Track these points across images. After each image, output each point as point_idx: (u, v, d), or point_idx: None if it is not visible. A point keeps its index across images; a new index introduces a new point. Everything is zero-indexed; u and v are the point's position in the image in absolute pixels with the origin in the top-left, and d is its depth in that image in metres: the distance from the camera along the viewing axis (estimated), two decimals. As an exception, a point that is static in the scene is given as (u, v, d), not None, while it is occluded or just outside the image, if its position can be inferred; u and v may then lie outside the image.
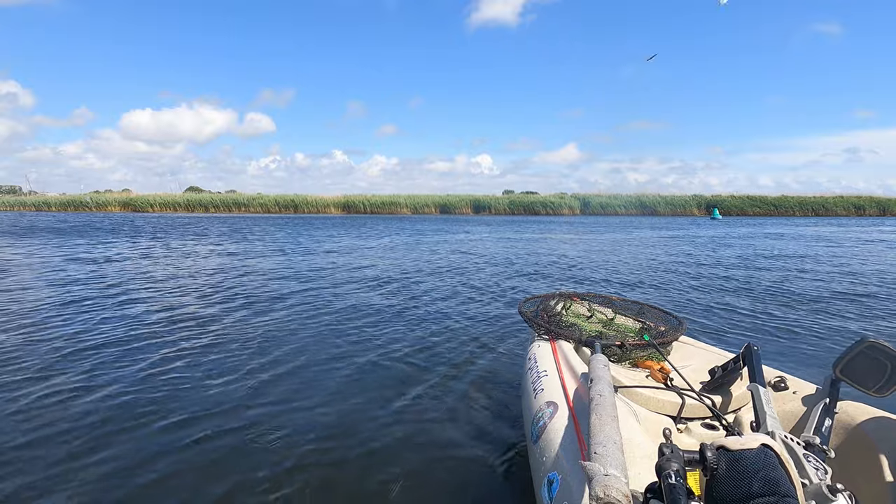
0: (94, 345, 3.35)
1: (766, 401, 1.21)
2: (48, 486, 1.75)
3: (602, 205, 41.59)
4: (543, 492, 1.15)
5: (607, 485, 0.73)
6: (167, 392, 2.57)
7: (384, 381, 2.82)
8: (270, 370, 2.94)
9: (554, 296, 2.48)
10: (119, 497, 1.70)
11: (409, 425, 2.26)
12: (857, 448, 1.20)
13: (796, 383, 1.52)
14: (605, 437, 0.90)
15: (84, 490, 1.74)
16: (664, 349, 1.82)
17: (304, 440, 2.10)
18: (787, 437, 1.05)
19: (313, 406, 2.46)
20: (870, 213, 37.42)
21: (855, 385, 1.26)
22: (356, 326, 4.03)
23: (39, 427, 2.17)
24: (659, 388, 1.53)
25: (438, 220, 28.94)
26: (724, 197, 40.32)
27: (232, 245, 11.51)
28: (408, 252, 10.35)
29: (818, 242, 13.05)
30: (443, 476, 1.87)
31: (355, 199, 41.94)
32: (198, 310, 4.50)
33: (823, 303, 5.15)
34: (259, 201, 40.74)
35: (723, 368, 1.52)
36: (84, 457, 1.94)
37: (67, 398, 2.47)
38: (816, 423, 1.19)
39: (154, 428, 2.19)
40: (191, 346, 3.38)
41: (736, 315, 4.58)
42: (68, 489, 1.74)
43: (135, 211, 38.31)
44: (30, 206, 40.12)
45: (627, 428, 1.16)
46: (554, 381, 1.55)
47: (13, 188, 55.70)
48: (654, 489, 0.79)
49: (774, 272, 7.48)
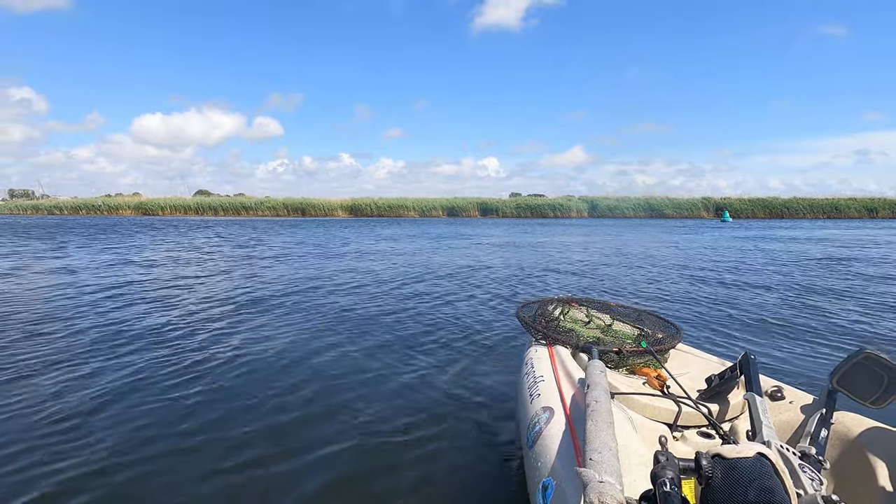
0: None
1: (763, 410, 1.21)
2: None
3: (610, 207, 41.39)
4: (538, 497, 1.15)
5: (602, 491, 0.73)
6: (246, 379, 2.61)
7: (379, 383, 2.83)
8: (266, 375, 2.97)
9: (552, 301, 2.48)
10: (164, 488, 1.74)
11: (404, 429, 2.27)
12: (854, 459, 1.18)
13: (793, 393, 1.51)
14: (600, 444, 0.90)
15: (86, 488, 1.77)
16: (661, 356, 1.82)
17: (299, 442, 2.12)
18: (783, 447, 1.04)
19: (308, 407, 2.47)
20: (883, 214, 36.82)
21: (852, 396, 1.25)
22: (356, 326, 4.05)
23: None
24: (655, 395, 1.52)
25: (445, 223, 28.96)
26: (733, 199, 39.92)
27: (255, 247, 11.64)
28: (410, 254, 10.38)
29: (832, 245, 12.87)
30: (438, 481, 1.87)
31: (363, 202, 42.16)
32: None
33: (831, 311, 5.08)
34: (267, 204, 41.10)
35: (720, 377, 1.51)
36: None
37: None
38: (812, 434, 1.18)
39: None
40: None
41: (743, 322, 4.54)
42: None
43: (145, 214, 38.84)
44: (43, 211, 40.78)
45: (623, 435, 1.15)
46: (550, 387, 1.55)
47: (26, 192, 56.72)
48: (648, 497, 0.79)
49: (788, 278, 7.39)
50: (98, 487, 1.79)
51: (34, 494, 1.75)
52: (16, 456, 1.99)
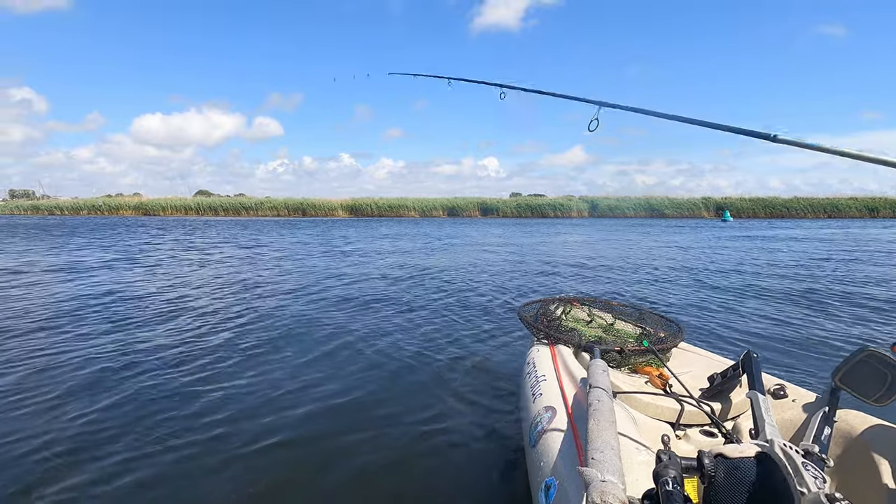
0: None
1: (765, 408, 1.20)
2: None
3: (611, 207, 41.33)
4: (541, 497, 1.15)
5: (604, 491, 0.73)
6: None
7: (380, 383, 2.83)
8: (260, 372, 2.97)
9: (554, 300, 2.48)
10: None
11: (406, 428, 2.27)
12: (857, 457, 1.18)
13: (795, 391, 1.50)
14: (602, 443, 0.90)
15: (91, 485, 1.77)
16: (663, 355, 1.81)
17: (298, 440, 2.13)
18: (786, 446, 1.04)
19: (309, 407, 2.48)
20: (884, 214, 36.75)
21: (855, 394, 1.25)
22: (356, 326, 4.05)
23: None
24: (658, 394, 1.52)
25: (446, 223, 28.95)
26: (734, 199, 39.85)
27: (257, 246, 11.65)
28: (411, 254, 10.37)
29: (834, 245, 12.85)
30: (440, 480, 1.87)
31: (363, 202, 42.14)
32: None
33: (833, 309, 5.07)
34: (268, 204, 41.09)
35: (722, 375, 1.51)
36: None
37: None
38: (815, 432, 1.18)
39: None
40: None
41: (746, 320, 4.53)
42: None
43: (146, 214, 38.82)
44: (43, 211, 40.78)
45: (625, 434, 1.15)
46: (553, 386, 1.55)
47: (27, 192, 56.70)
48: (651, 496, 0.79)
49: (790, 277, 7.38)
50: (121, 482, 1.80)
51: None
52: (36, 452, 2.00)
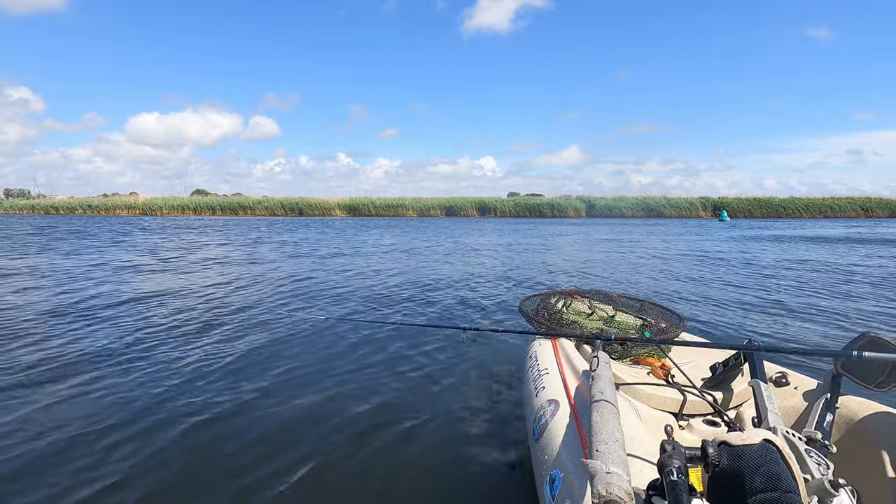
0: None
1: (768, 396, 1.21)
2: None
3: (608, 207, 41.41)
4: (546, 490, 1.15)
5: (609, 482, 0.73)
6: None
7: (381, 378, 2.83)
8: (250, 371, 2.97)
9: (555, 293, 2.48)
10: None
11: (409, 423, 2.27)
12: (859, 443, 1.19)
13: (797, 378, 1.51)
14: (606, 435, 0.90)
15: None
16: (665, 346, 1.82)
17: (301, 436, 2.12)
18: (789, 433, 1.04)
19: (311, 402, 2.48)
20: (878, 214, 37.00)
21: (856, 380, 1.25)
22: (357, 323, 4.04)
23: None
24: (660, 384, 1.53)
25: (444, 223, 28.95)
26: (730, 199, 40.01)
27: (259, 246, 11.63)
28: (411, 252, 10.36)
29: (831, 244, 12.92)
30: (443, 474, 1.87)
31: (361, 201, 42.06)
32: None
33: (832, 302, 5.10)
34: (265, 204, 40.95)
35: (724, 365, 1.52)
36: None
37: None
38: (818, 419, 1.19)
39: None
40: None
41: (750, 313, 4.55)
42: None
43: (143, 214, 38.63)
44: (39, 210, 40.54)
45: (629, 425, 1.15)
46: (555, 379, 1.55)
47: (22, 192, 56.25)
48: (656, 486, 0.79)
49: (789, 273, 7.42)
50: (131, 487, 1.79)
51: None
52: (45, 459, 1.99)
